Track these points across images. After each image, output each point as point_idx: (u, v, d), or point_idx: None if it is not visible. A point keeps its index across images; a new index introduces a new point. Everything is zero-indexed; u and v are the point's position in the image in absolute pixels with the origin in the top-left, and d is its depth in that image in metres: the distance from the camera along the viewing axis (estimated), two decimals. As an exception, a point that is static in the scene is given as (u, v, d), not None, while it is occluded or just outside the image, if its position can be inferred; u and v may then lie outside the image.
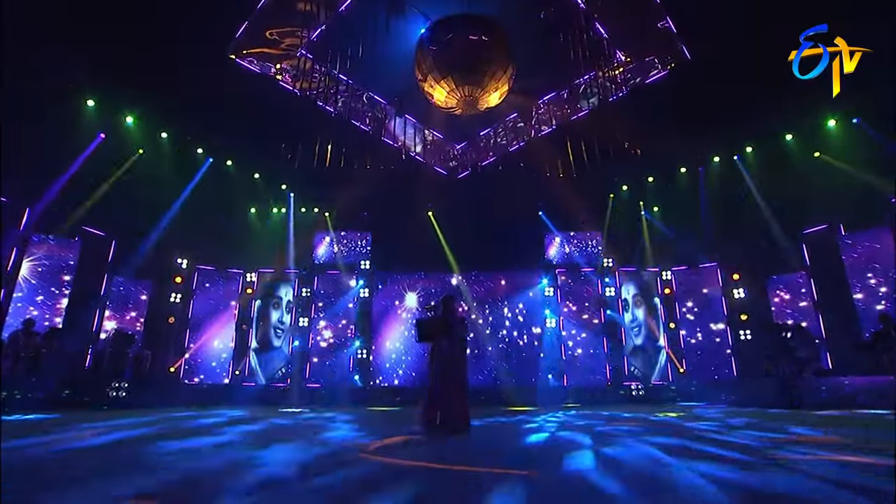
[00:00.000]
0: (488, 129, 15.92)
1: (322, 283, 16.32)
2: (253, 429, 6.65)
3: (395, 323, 15.94)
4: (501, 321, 16.08)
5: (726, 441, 4.99)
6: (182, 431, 6.17)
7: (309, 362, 15.48)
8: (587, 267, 16.45)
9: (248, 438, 5.56)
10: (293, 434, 5.99)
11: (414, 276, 16.48)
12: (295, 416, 9.20)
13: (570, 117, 14.05)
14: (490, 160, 16.03)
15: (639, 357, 15.39)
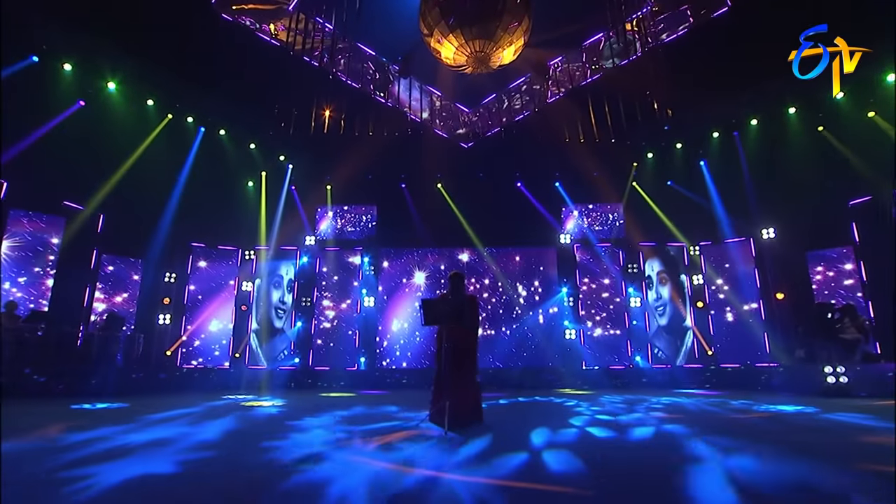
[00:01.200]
0: (501, 92, 14.66)
1: (325, 260, 15.42)
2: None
3: (402, 302, 15.04)
4: (515, 299, 15.09)
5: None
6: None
7: (313, 344, 14.68)
8: (608, 242, 15.31)
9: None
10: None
11: (422, 253, 15.50)
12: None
13: (591, 77, 12.74)
14: (502, 126, 14.81)
15: (663, 338, 14.35)
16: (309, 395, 10.73)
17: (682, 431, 5.37)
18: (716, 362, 13.61)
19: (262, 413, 7.35)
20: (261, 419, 6.66)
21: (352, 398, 10.00)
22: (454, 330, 5.97)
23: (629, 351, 14.38)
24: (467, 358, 6.03)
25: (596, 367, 14.19)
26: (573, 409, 7.50)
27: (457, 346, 5.95)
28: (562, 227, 15.55)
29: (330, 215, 15.76)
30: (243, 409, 7.88)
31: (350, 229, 15.72)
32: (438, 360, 6.03)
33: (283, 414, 7.23)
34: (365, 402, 9.03)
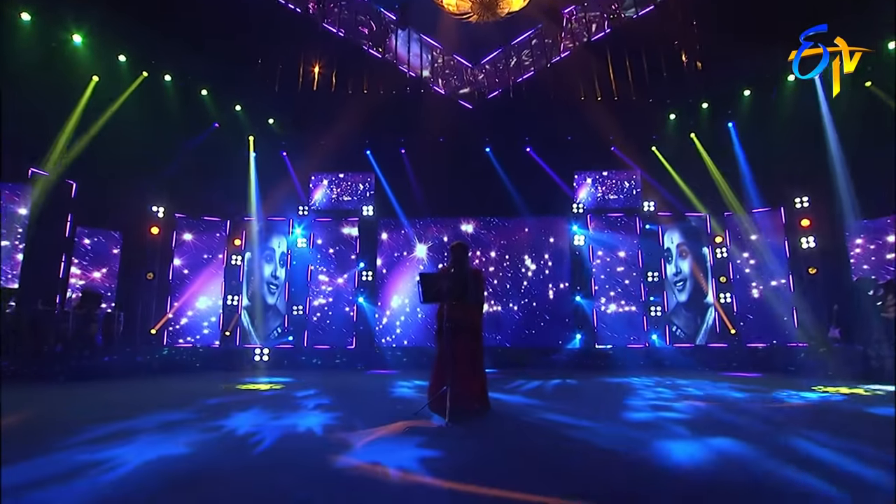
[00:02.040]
0: (508, 46, 13.34)
1: (320, 231, 14.42)
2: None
3: (403, 276, 14.10)
4: (523, 274, 14.10)
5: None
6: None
7: (308, 321, 13.83)
8: (623, 212, 14.19)
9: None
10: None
11: (424, 223, 14.46)
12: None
13: (610, 26, 11.41)
14: (510, 85, 13.55)
15: (682, 316, 13.37)
16: (310, 374, 9.89)
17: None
18: (740, 341, 12.65)
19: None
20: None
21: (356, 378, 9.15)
22: (457, 307, 5.44)
23: (645, 329, 13.43)
24: (472, 338, 5.52)
25: (609, 346, 13.28)
26: (607, 393, 6.58)
27: (459, 325, 5.43)
28: (574, 195, 14.42)
29: (325, 184, 14.69)
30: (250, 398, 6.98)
31: (346, 198, 14.66)
32: (439, 340, 5.53)
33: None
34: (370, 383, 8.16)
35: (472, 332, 5.55)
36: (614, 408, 6.11)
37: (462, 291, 5.38)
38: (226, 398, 6.93)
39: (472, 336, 5.56)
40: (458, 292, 5.35)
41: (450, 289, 5.31)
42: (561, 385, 8.60)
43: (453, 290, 5.33)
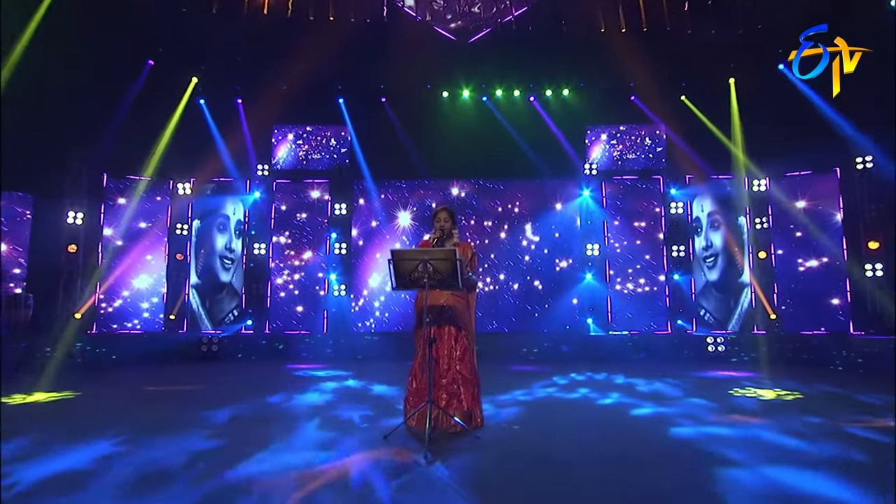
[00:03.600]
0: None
1: (284, 195, 12.13)
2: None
3: (383, 248, 11.94)
4: (524, 247, 11.97)
5: None
6: None
7: (270, 302, 11.68)
8: (645, 173, 11.97)
9: None
10: None
11: (409, 186, 12.20)
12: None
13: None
14: (513, 15, 11.10)
15: (712, 297, 11.33)
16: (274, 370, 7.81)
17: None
18: (780, 329, 10.67)
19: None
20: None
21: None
22: (441, 294, 4.45)
23: (668, 312, 11.40)
24: (461, 334, 4.46)
25: (626, 332, 11.28)
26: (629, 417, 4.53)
27: (446, 317, 4.45)
28: (585, 154, 12.16)
29: (290, 138, 12.29)
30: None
31: (316, 156, 12.31)
32: (418, 338, 4.51)
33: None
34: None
35: (463, 327, 4.45)
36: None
37: (449, 273, 4.07)
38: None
39: (463, 332, 4.46)
40: (444, 274, 4.08)
41: (433, 270, 4.06)
42: (569, 387, 6.56)
43: (437, 272, 4.07)
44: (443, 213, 4.57)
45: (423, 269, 4.03)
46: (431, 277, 4.07)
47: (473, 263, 4.60)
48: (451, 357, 4.34)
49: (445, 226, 4.51)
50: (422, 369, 4.30)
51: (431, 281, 4.08)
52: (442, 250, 4.13)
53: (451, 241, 4.51)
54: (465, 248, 4.54)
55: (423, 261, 4.03)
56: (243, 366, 9.93)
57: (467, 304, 4.54)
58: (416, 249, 4.34)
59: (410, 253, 4.21)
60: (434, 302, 4.40)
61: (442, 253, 4.08)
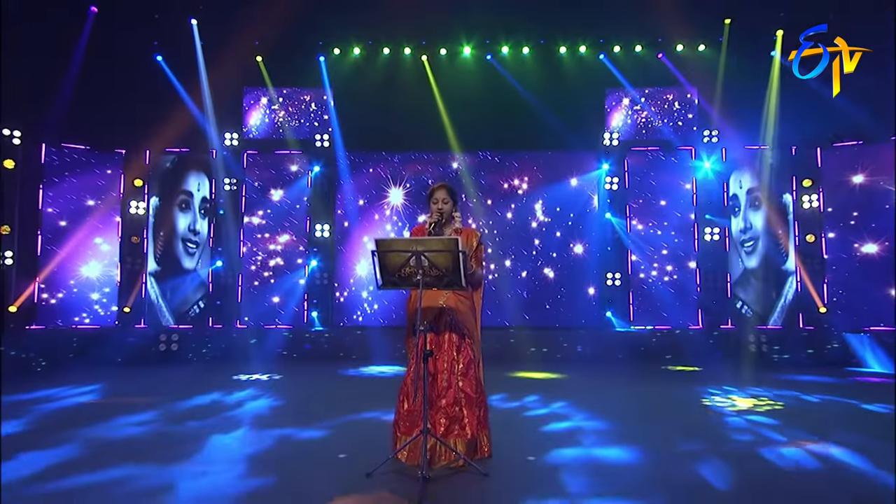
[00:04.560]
0: None
1: (257, 169, 10.53)
2: None
3: (372, 231, 10.43)
4: (533, 230, 10.44)
5: None
6: None
7: (242, 292, 10.18)
8: (674, 144, 10.39)
9: None
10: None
11: (401, 159, 10.62)
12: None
13: None
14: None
15: (751, 287, 9.85)
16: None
17: None
18: (830, 325, 9.21)
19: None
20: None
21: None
22: (439, 295, 3.56)
23: (699, 304, 9.93)
24: (464, 344, 3.60)
25: (649, 326, 9.84)
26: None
27: (445, 324, 3.62)
28: (605, 122, 10.55)
29: (263, 103, 10.64)
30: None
31: (294, 124, 10.67)
32: (409, 348, 3.62)
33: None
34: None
35: (467, 334, 3.64)
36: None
37: (449, 268, 3.21)
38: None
39: (467, 339, 3.64)
40: (443, 270, 3.22)
41: (428, 265, 3.21)
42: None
43: (434, 267, 3.22)
44: (441, 191, 3.69)
45: (415, 263, 3.18)
46: (427, 274, 3.21)
47: (479, 255, 3.73)
48: (451, 371, 3.56)
49: (444, 207, 3.65)
50: (415, 387, 3.44)
51: (427, 278, 3.22)
52: (440, 240, 3.28)
53: (451, 226, 3.67)
54: (470, 235, 3.70)
55: (415, 253, 3.17)
56: (206, 366, 8.53)
57: (472, 305, 3.69)
58: (406, 239, 3.51)
59: (399, 243, 3.39)
60: (431, 303, 3.55)
61: (440, 243, 3.21)
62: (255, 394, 6.45)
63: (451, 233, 3.60)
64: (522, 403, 5.79)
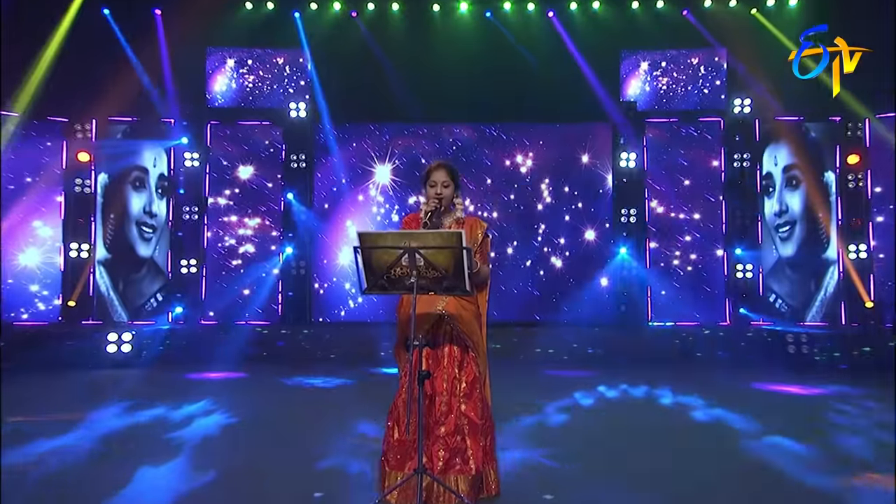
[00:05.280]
0: None
1: (223, 142, 9.21)
2: None
3: (355, 215, 9.20)
4: (539, 213, 9.22)
5: None
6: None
7: (207, 283, 8.95)
8: (699, 115, 9.13)
9: None
10: None
11: (390, 131, 9.33)
12: None
13: None
14: None
15: (786, 279, 8.68)
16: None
17: None
18: (877, 322, 8.06)
19: None
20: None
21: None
22: (437, 299, 2.90)
23: (727, 298, 8.77)
24: (467, 358, 2.97)
25: (671, 322, 8.69)
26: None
27: (444, 332, 2.98)
28: (620, 89, 9.27)
29: (229, 66, 9.27)
30: None
31: (266, 90, 9.33)
32: (401, 362, 3.06)
33: None
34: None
35: (471, 346, 2.93)
36: None
37: (450, 269, 2.53)
38: None
39: (471, 353, 2.95)
40: (442, 271, 2.54)
41: (424, 265, 2.53)
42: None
43: (431, 267, 2.54)
44: (439, 172, 3.05)
45: (409, 262, 2.54)
46: (423, 275, 2.57)
47: (485, 250, 3.14)
48: (452, 393, 2.99)
49: (444, 192, 3.04)
50: (408, 412, 2.78)
51: (423, 281, 2.59)
52: (439, 233, 2.68)
53: (451, 215, 3.09)
54: (474, 225, 3.11)
55: (408, 250, 2.51)
56: (162, 370, 7.36)
57: (477, 311, 3.03)
58: (397, 232, 2.86)
59: (389, 237, 2.73)
60: (426, 310, 2.92)
61: (439, 237, 2.61)
62: (208, 408, 5.38)
63: (452, 224, 3.02)
64: (538, 418, 4.66)
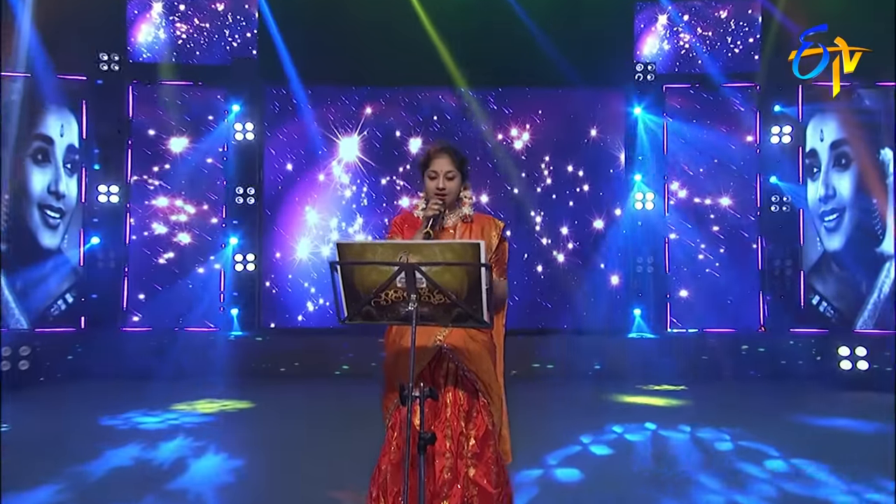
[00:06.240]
0: None
1: (150, 107, 7.47)
2: None
3: (314, 200, 7.59)
4: (537, 196, 7.71)
5: None
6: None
7: (126, 283, 7.28)
8: (728, 81, 7.63)
9: None
10: None
11: (358, 96, 7.69)
12: None
13: None
14: None
15: (832, 278, 7.28)
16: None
17: None
18: (943, 328, 6.70)
19: None
20: None
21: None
22: (436, 329, 2.22)
23: (760, 299, 7.36)
24: (477, 405, 2.33)
25: (693, 329, 7.27)
26: None
27: (446, 373, 2.33)
28: (634, 48, 7.71)
29: (157, 12, 7.48)
30: None
31: (203, 43, 7.59)
32: (387, 412, 2.36)
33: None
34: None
35: (483, 390, 2.30)
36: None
37: (462, 292, 1.84)
38: None
39: (482, 398, 2.31)
40: (451, 296, 1.84)
41: (427, 288, 1.84)
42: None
43: (434, 292, 1.85)
44: (441, 158, 2.32)
45: (405, 283, 1.84)
46: (425, 300, 1.86)
47: (503, 259, 2.35)
48: (458, 454, 2.26)
49: (449, 186, 2.31)
50: (398, 478, 2.19)
51: (425, 308, 1.87)
52: (449, 245, 1.93)
53: (456, 213, 2.37)
54: (487, 226, 2.37)
55: (406, 267, 1.81)
56: (67, 395, 5.78)
57: (490, 342, 2.32)
58: (390, 242, 2.14)
59: (378, 249, 1.95)
60: (422, 342, 2.14)
61: (449, 250, 1.87)
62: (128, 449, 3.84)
63: (460, 225, 2.35)
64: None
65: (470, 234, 2.29)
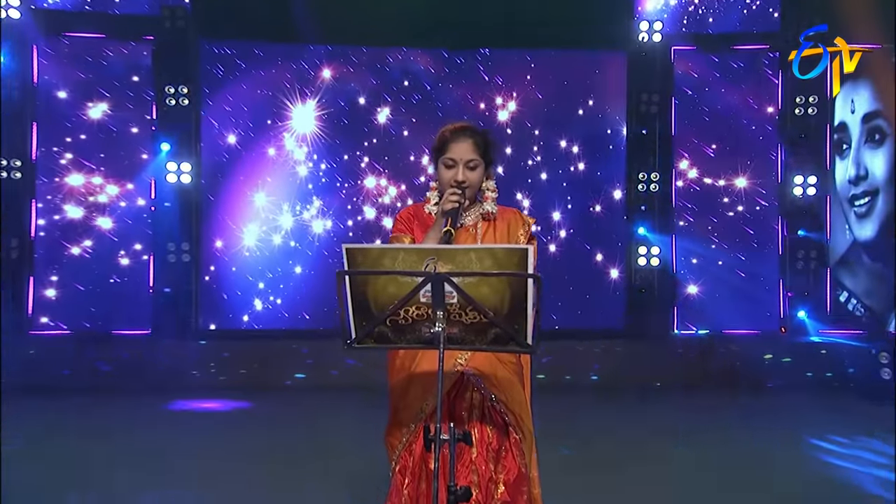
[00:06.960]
0: None
1: (60, 64, 6.21)
2: None
3: (262, 176, 6.45)
4: (526, 176, 6.70)
5: None
6: None
7: (31, 281, 6.09)
8: (745, 40, 6.66)
9: None
10: None
11: (314, 56, 6.56)
12: None
13: None
14: None
15: (863, 271, 6.40)
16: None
17: None
18: None
19: None
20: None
21: None
22: (457, 353, 1.85)
23: (781, 296, 6.45)
24: (507, 443, 1.98)
25: (703, 331, 6.35)
26: None
27: (469, 406, 1.99)
28: (635, 4, 6.66)
29: (69, -50, 6.20)
30: None
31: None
32: (392, 452, 1.97)
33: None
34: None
35: (512, 421, 1.96)
36: None
37: (503, 309, 1.46)
38: None
39: (512, 435, 1.98)
40: (489, 315, 1.45)
41: (458, 304, 1.47)
42: None
43: (468, 308, 1.47)
44: (462, 143, 1.95)
45: (432, 298, 1.48)
46: (455, 319, 1.52)
47: (532, 263, 1.61)
48: (488, 497, 1.96)
49: (470, 178, 1.96)
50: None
51: (454, 329, 1.54)
52: (489, 250, 1.56)
53: (476, 210, 2.05)
54: (513, 222, 2.06)
55: (434, 278, 1.45)
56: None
57: (518, 365, 2.02)
58: (415, 247, 1.82)
59: (398, 254, 1.53)
60: (444, 368, 1.54)
61: (489, 256, 1.50)
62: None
63: (480, 223, 2.03)
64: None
65: (494, 235, 1.98)
